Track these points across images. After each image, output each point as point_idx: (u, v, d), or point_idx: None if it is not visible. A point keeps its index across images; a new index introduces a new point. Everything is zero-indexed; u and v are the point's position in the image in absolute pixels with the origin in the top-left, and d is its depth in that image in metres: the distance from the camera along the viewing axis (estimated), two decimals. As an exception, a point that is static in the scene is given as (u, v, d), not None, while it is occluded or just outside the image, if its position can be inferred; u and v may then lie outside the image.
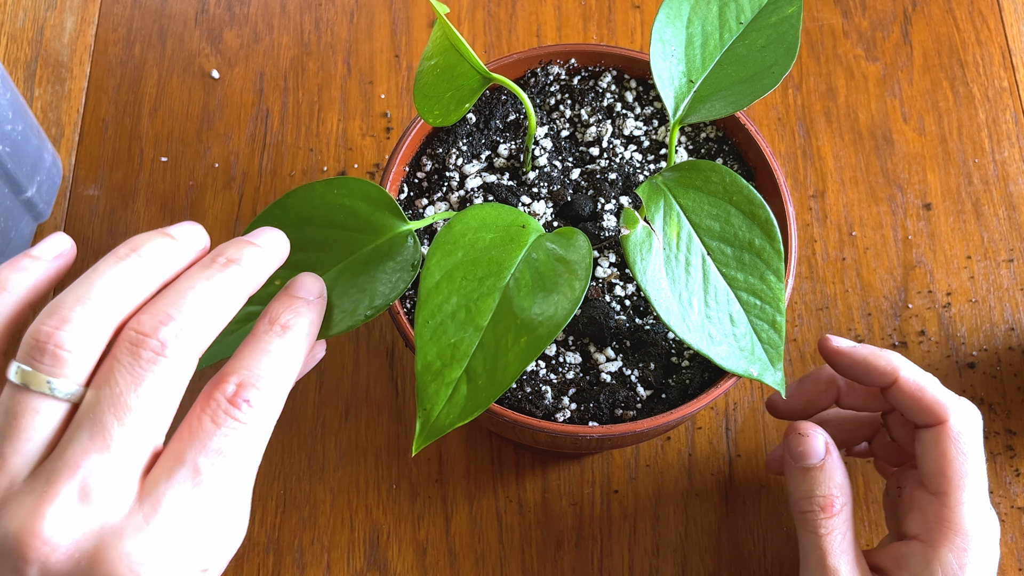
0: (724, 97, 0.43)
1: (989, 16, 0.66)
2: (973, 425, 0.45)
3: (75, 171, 0.62)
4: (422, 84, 0.44)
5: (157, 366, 0.33)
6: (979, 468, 0.45)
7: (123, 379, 0.33)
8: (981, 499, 0.45)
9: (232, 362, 0.35)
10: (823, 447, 0.46)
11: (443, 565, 0.53)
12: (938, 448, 0.45)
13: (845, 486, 0.46)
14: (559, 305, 0.37)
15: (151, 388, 0.33)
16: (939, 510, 0.45)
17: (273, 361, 0.35)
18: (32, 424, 0.32)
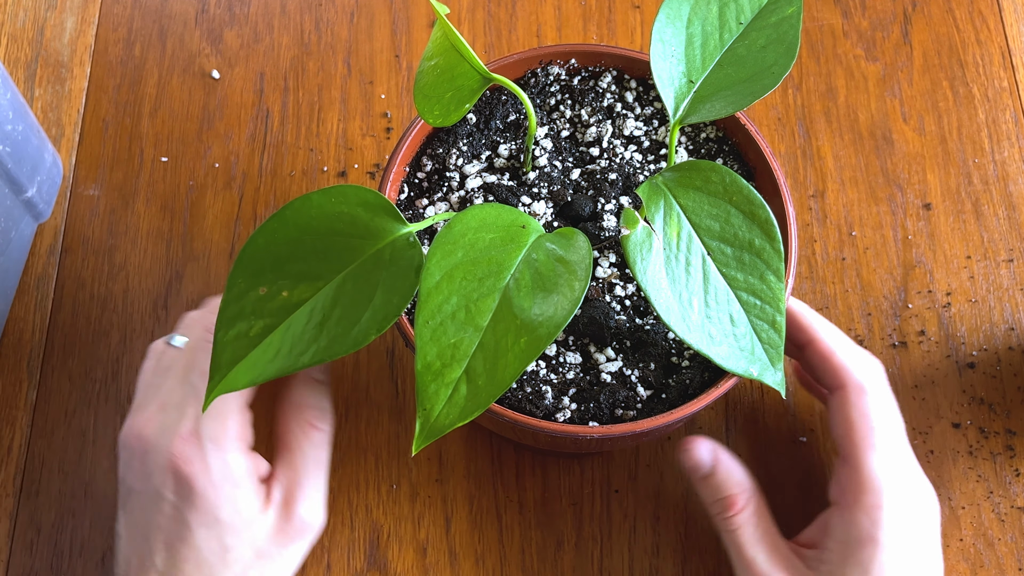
0: (724, 97, 0.43)
1: (989, 16, 0.66)
2: (874, 384, 0.47)
3: (75, 171, 0.62)
4: (422, 84, 0.44)
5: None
6: (886, 427, 0.46)
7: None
8: (892, 457, 0.46)
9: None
10: (709, 456, 0.49)
11: (443, 565, 0.53)
12: (841, 412, 0.47)
13: (743, 483, 0.48)
14: (559, 305, 0.37)
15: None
16: (848, 472, 0.46)
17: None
18: None
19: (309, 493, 0.47)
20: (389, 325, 0.38)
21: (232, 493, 0.45)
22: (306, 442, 0.48)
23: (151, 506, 0.46)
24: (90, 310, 0.58)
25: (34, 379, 0.57)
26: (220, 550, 0.45)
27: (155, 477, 0.46)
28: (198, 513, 0.45)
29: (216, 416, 0.46)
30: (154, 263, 0.60)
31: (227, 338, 0.40)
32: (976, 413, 0.56)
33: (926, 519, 0.46)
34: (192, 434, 0.45)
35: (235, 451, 0.46)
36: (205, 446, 0.45)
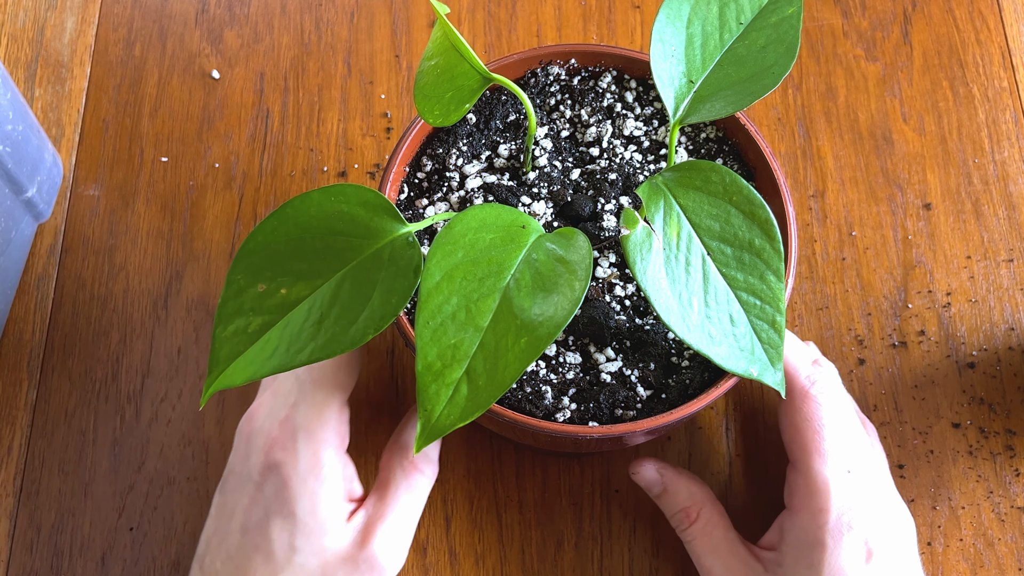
0: (724, 97, 0.43)
1: (989, 16, 0.66)
2: (821, 388, 0.47)
3: (75, 171, 0.62)
4: (422, 84, 0.44)
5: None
6: (834, 432, 0.47)
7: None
8: (839, 461, 0.46)
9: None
10: (656, 475, 0.51)
11: (443, 565, 0.53)
12: (787, 418, 0.48)
13: (696, 495, 0.50)
14: (559, 305, 0.37)
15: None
16: (796, 477, 0.47)
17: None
18: None
19: (392, 532, 0.46)
20: (387, 325, 0.38)
21: (314, 489, 0.45)
22: (404, 482, 0.47)
23: (241, 487, 0.46)
24: (90, 310, 0.58)
25: (34, 379, 0.57)
26: (288, 548, 0.44)
27: (252, 459, 0.46)
28: (278, 502, 0.44)
29: (312, 406, 0.45)
30: (154, 263, 0.60)
31: (225, 334, 0.40)
32: (976, 413, 0.56)
33: (881, 523, 0.46)
34: (288, 420, 0.45)
35: (328, 446, 0.45)
36: (297, 435, 0.45)
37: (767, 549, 0.48)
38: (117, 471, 0.55)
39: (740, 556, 0.48)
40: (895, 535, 0.46)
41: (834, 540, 0.45)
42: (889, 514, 0.47)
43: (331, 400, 0.46)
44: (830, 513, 0.45)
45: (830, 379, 0.48)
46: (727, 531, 0.49)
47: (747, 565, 0.47)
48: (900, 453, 0.55)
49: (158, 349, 0.57)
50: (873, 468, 0.47)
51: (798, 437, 0.47)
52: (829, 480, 0.46)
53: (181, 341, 0.58)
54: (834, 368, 0.49)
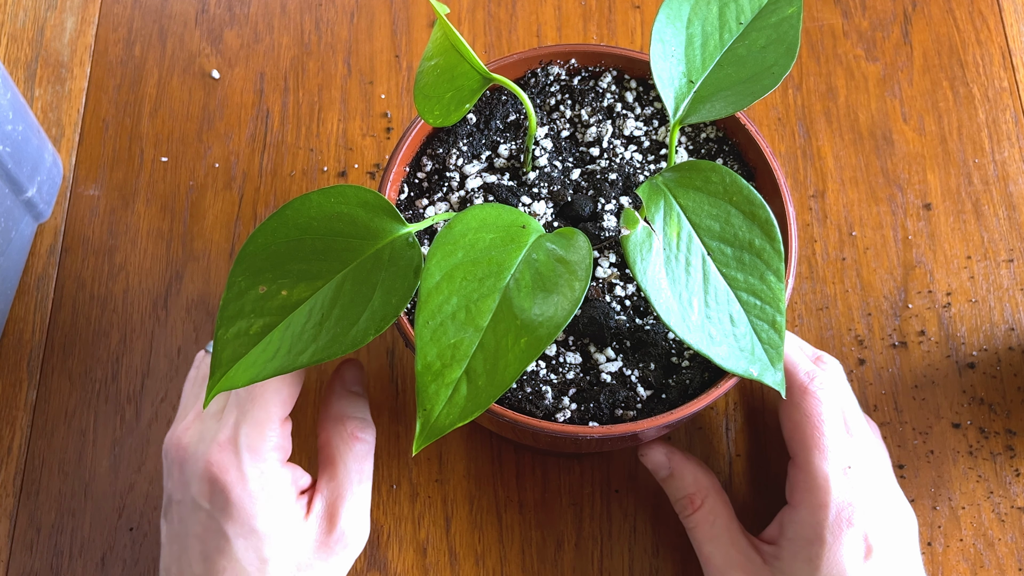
0: (724, 97, 0.43)
1: (989, 16, 0.66)
2: (820, 384, 0.48)
3: (75, 171, 0.62)
4: (422, 84, 0.44)
5: None
6: (834, 428, 0.47)
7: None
8: (840, 458, 0.46)
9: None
10: (664, 458, 0.51)
11: (443, 565, 0.53)
12: (787, 414, 0.48)
13: (701, 482, 0.50)
14: (559, 305, 0.37)
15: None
16: (797, 473, 0.47)
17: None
18: None
19: (352, 505, 0.47)
20: (388, 325, 0.38)
21: (268, 503, 0.45)
22: (348, 454, 0.48)
23: (189, 516, 0.45)
24: (90, 310, 0.58)
25: (34, 379, 0.57)
26: (258, 562, 0.44)
27: (192, 486, 0.45)
28: (234, 523, 0.44)
29: (254, 425, 0.45)
30: (154, 263, 0.60)
31: (227, 336, 0.40)
32: (976, 413, 0.56)
33: (881, 520, 0.46)
34: (229, 442, 0.45)
35: (273, 461, 0.45)
36: (242, 455, 0.45)
37: (767, 542, 0.48)
38: (117, 471, 0.55)
39: (740, 547, 0.48)
40: (895, 532, 0.46)
41: (833, 536, 0.45)
42: (890, 511, 0.47)
43: (272, 416, 0.45)
44: (829, 509, 0.45)
45: (831, 375, 0.48)
46: (729, 521, 0.49)
47: (746, 556, 0.48)
48: (900, 453, 0.55)
49: (158, 349, 0.57)
50: (874, 464, 0.47)
51: (798, 433, 0.47)
52: (829, 476, 0.46)
53: (181, 341, 0.58)
54: (838, 364, 0.50)
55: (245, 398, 0.46)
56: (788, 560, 0.46)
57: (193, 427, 0.47)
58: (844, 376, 0.50)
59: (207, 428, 0.46)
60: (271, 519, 0.45)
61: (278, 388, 0.46)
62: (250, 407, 0.45)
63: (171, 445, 0.47)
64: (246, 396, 0.46)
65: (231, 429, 0.45)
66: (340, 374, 0.50)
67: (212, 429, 0.46)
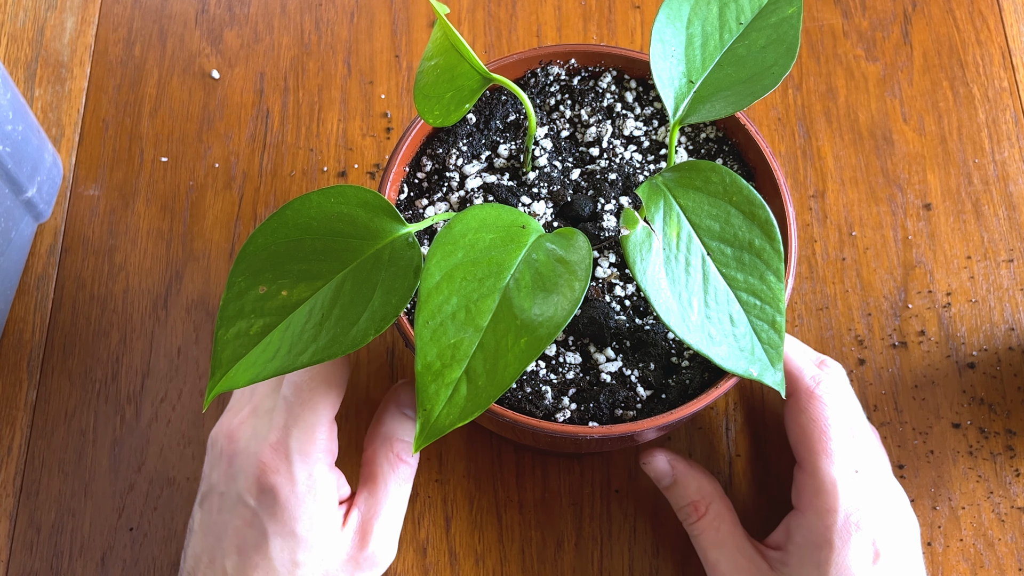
0: (724, 97, 0.43)
1: (989, 16, 0.66)
2: (826, 388, 0.48)
3: (75, 171, 0.62)
4: (422, 84, 0.44)
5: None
6: (839, 431, 0.47)
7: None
8: (846, 461, 0.46)
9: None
10: (667, 466, 0.50)
11: (443, 565, 0.53)
12: (793, 418, 0.48)
13: (705, 489, 0.49)
14: (559, 305, 0.37)
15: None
16: (804, 478, 0.47)
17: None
18: None
19: (386, 525, 0.47)
20: (388, 325, 0.38)
21: (312, 508, 0.45)
22: (392, 475, 0.48)
23: (232, 509, 0.46)
24: (90, 310, 0.58)
25: (34, 379, 0.57)
26: (291, 564, 0.45)
27: (240, 481, 0.45)
28: (276, 523, 0.45)
29: (305, 428, 0.45)
30: (154, 263, 0.60)
31: (227, 336, 0.40)
32: (976, 413, 0.56)
33: (888, 523, 0.46)
34: (280, 443, 0.45)
35: (321, 464, 0.45)
36: (292, 457, 0.45)
37: (773, 548, 0.48)
38: (117, 471, 0.55)
39: (746, 553, 0.48)
40: (901, 535, 0.46)
41: (842, 540, 0.45)
42: (895, 514, 0.47)
43: (322, 419, 0.46)
44: (838, 513, 0.45)
45: (836, 379, 0.48)
46: (734, 527, 0.49)
47: (753, 562, 0.47)
48: (900, 453, 0.55)
49: (158, 349, 0.57)
50: (879, 468, 0.47)
51: (804, 437, 0.47)
52: (836, 480, 0.46)
53: (181, 341, 0.58)
54: (841, 369, 0.50)
55: (294, 401, 0.46)
56: (796, 565, 0.46)
57: (248, 422, 0.47)
58: (847, 380, 0.50)
59: (260, 425, 0.46)
60: (312, 525, 0.45)
61: (326, 391, 0.46)
62: (300, 410, 0.46)
63: (223, 437, 0.47)
64: (294, 399, 0.46)
65: (281, 431, 0.45)
66: (396, 394, 0.50)
67: (265, 427, 0.46)
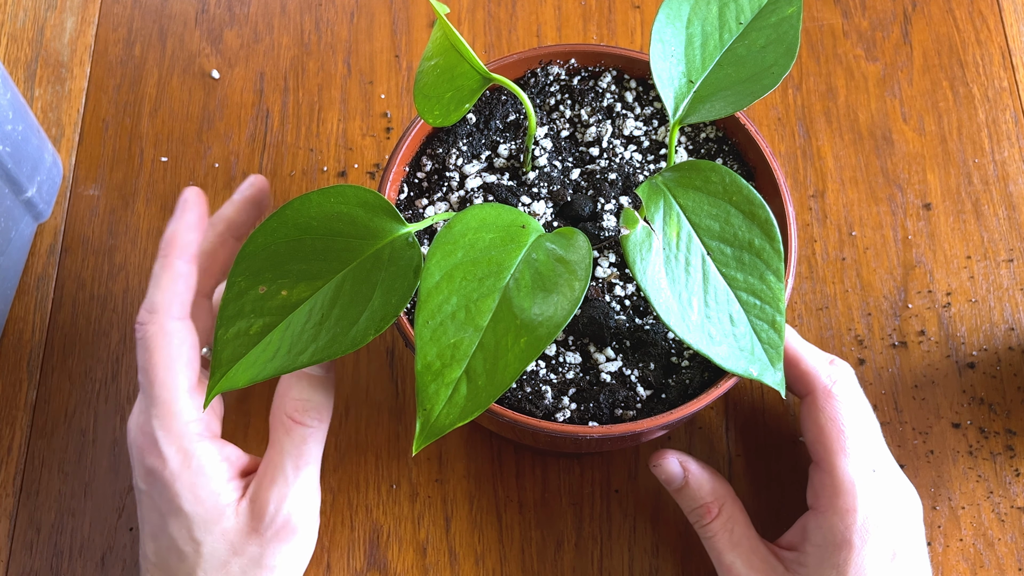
0: (724, 97, 0.43)
1: (989, 16, 0.66)
2: (843, 388, 0.47)
3: (75, 171, 0.62)
4: (422, 84, 0.44)
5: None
6: (856, 430, 0.47)
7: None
8: (864, 460, 0.46)
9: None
10: (679, 468, 0.49)
11: (443, 565, 0.53)
12: (811, 417, 0.48)
13: (718, 491, 0.49)
14: (559, 305, 0.37)
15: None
16: (822, 477, 0.47)
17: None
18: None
19: (284, 490, 0.45)
20: (388, 325, 0.38)
21: (191, 483, 0.45)
22: (284, 437, 0.46)
23: (139, 499, 0.47)
24: (90, 310, 0.58)
25: (34, 379, 0.57)
26: (192, 543, 0.45)
27: (136, 469, 0.47)
28: (165, 503, 0.45)
29: (160, 405, 0.45)
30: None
31: (227, 336, 0.40)
32: (976, 413, 0.56)
33: (903, 521, 0.46)
34: (146, 424, 0.46)
35: (192, 437, 0.45)
36: (157, 435, 0.45)
37: (787, 549, 0.48)
38: (117, 471, 0.55)
39: (761, 554, 0.48)
40: (915, 533, 0.46)
41: (861, 540, 0.45)
42: (910, 512, 0.47)
43: (177, 392, 0.45)
44: (857, 513, 0.45)
45: (850, 378, 0.48)
46: (747, 528, 0.49)
47: (768, 563, 0.47)
48: (900, 453, 0.55)
49: (158, 349, 0.57)
50: (894, 466, 0.47)
51: (822, 436, 0.47)
52: (856, 480, 0.45)
53: (181, 341, 0.58)
54: (850, 368, 0.49)
55: (144, 380, 0.46)
56: (815, 567, 0.46)
57: (133, 413, 0.48)
58: (856, 379, 0.49)
59: (136, 413, 0.47)
60: (195, 500, 0.45)
61: (174, 357, 0.45)
62: (149, 388, 0.45)
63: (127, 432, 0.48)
64: (143, 378, 0.46)
65: (144, 413, 0.46)
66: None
67: (137, 413, 0.47)
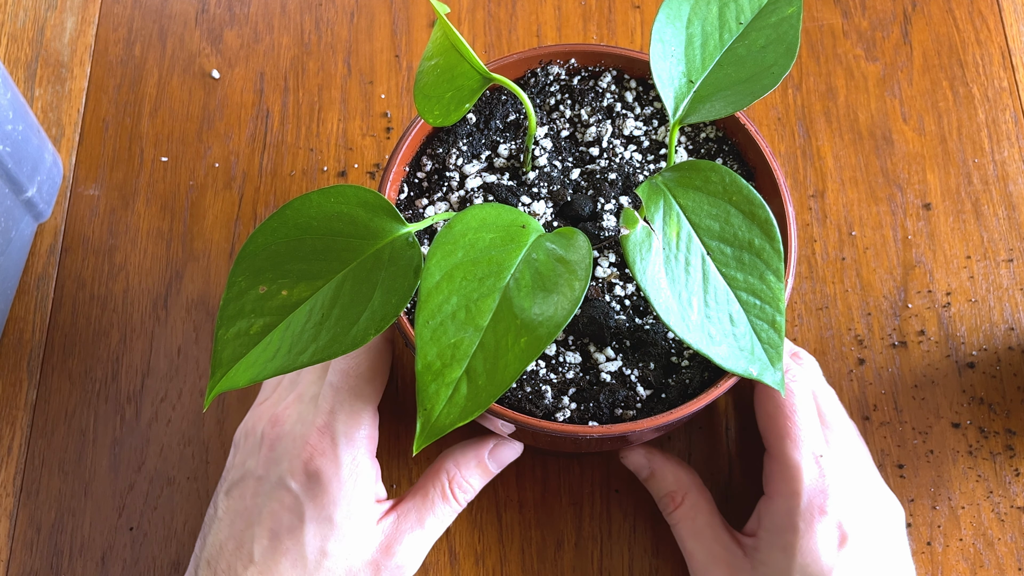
0: (724, 97, 0.43)
1: (989, 16, 0.66)
2: (796, 378, 0.49)
3: (75, 171, 0.62)
4: (422, 84, 0.44)
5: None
6: (805, 418, 0.48)
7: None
8: (810, 446, 0.47)
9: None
10: (644, 459, 0.51)
11: (443, 565, 0.53)
12: (760, 405, 0.49)
13: (682, 480, 0.50)
14: (559, 305, 0.37)
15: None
16: (771, 464, 0.48)
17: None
18: None
19: (417, 542, 0.47)
20: (388, 325, 0.38)
21: (352, 494, 0.45)
22: (441, 505, 0.48)
23: (270, 492, 0.46)
24: (90, 310, 0.59)
25: (34, 379, 0.57)
26: (319, 553, 0.45)
27: (284, 463, 0.46)
28: (315, 507, 0.45)
29: (351, 413, 0.46)
30: (154, 263, 0.60)
31: (227, 336, 0.40)
32: (976, 413, 0.56)
33: (853, 506, 0.46)
34: (327, 427, 0.46)
35: (364, 451, 0.46)
36: (339, 440, 0.45)
37: (748, 535, 0.49)
38: (117, 471, 0.55)
39: (722, 542, 0.49)
40: (873, 520, 0.47)
41: (806, 523, 0.45)
42: (867, 499, 0.47)
43: (367, 406, 0.47)
44: (801, 497, 0.46)
45: (806, 370, 0.49)
46: (711, 516, 0.50)
47: (728, 550, 0.48)
48: (900, 453, 0.55)
49: (158, 349, 0.57)
50: (849, 454, 0.48)
51: (771, 424, 0.48)
52: (800, 464, 0.46)
53: (181, 341, 0.58)
54: (814, 361, 0.51)
55: (341, 386, 0.46)
56: (765, 551, 0.47)
57: (292, 407, 0.47)
58: (820, 372, 0.51)
59: (306, 411, 0.47)
60: (349, 512, 0.45)
61: (371, 379, 0.47)
62: (346, 395, 0.46)
63: (265, 422, 0.47)
64: (341, 383, 0.46)
65: (328, 415, 0.46)
66: (499, 448, 0.51)
67: (311, 412, 0.47)
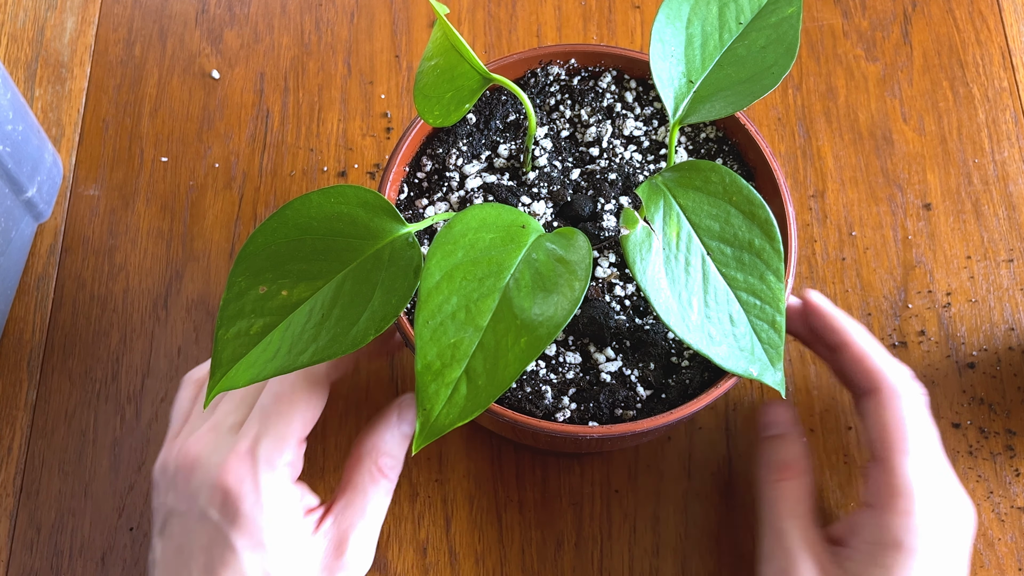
0: (724, 97, 0.43)
1: (989, 16, 0.66)
2: (911, 391, 0.47)
3: (75, 171, 0.62)
4: (422, 84, 0.44)
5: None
6: (921, 432, 0.46)
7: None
8: (926, 463, 0.46)
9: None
10: (788, 420, 0.50)
11: (443, 565, 0.53)
12: (876, 414, 0.47)
13: (802, 459, 0.49)
14: (559, 305, 0.37)
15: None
16: (882, 475, 0.46)
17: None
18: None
19: (363, 538, 0.46)
20: (388, 325, 0.38)
21: (278, 516, 0.44)
22: (372, 487, 0.47)
23: (195, 527, 0.44)
24: (90, 310, 0.59)
25: (34, 379, 0.57)
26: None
27: (202, 496, 0.44)
28: (243, 535, 0.43)
29: (276, 439, 0.44)
30: (154, 263, 0.60)
31: (227, 336, 0.40)
32: (976, 413, 0.56)
33: (958, 530, 0.45)
34: (248, 453, 0.44)
35: (285, 476, 0.45)
36: (259, 465, 0.44)
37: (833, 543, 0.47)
38: (117, 471, 0.55)
39: (819, 534, 0.47)
40: (964, 550, 0.46)
41: (914, 546, 0.44)
42: (964, 528, 0.46)
43: (294, 432, 0.45)
44: (914, 516, 0.44)
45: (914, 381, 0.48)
46: (812, 508, 0.48)
47: (822, 544, 0.46)
48: (900, 453, 0.55)
49: (158, 349, 0.57)
50: (951, 472, 0.47)
51: (886, 435, 0.46)
52: (916, 483, 0.45)
53: (181, 341, 0.58)
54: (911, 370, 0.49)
55: (270, 411, 0.45)
56: (862, 563, 0.45)
57: (206, 438, 0.46)
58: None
59: (222, 440, 0.45)
60: (279, 533, 0.44)
61: (305, 407, 0.45)
62: (275, 420, 0.45)
63: (178, 456, 0.46)
64: (272, 408, 0.45)
65: (251, 441, 0.44)
66: (399, 407, 0.50)
67: (229, 441, 0.45)
